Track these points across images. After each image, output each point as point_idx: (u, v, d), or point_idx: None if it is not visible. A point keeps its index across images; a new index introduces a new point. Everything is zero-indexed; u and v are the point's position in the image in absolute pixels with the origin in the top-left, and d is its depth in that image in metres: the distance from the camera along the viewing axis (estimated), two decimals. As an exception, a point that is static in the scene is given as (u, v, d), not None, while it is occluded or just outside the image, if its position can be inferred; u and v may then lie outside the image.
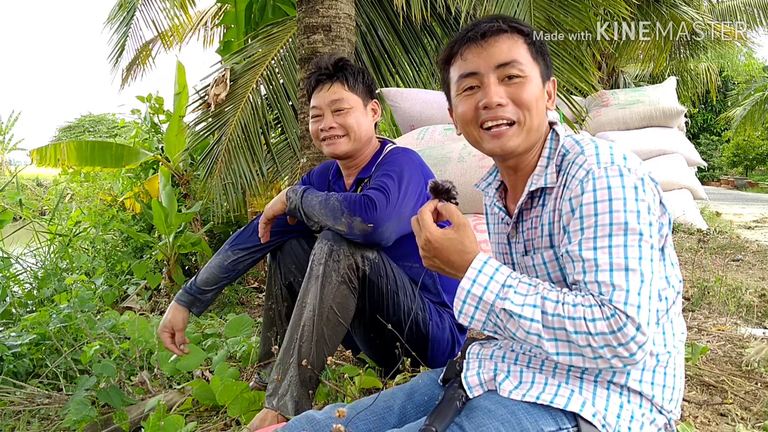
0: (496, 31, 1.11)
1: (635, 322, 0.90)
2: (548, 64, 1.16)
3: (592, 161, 1.01)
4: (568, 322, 0.93)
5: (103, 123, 30.04)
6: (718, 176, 27.45)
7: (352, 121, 1.81)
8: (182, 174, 5.74)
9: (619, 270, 0.93)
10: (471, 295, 1.02)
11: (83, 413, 1.87)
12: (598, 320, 0.91)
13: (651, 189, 1.00)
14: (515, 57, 1.09)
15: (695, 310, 2.81)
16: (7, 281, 4.16)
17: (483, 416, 1.02)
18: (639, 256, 0.94)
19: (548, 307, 0.95)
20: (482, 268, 1.02)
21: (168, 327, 1.87)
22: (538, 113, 1.10)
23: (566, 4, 3.53)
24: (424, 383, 1.25)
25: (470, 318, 1.02)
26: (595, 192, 0.98)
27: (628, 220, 0.95)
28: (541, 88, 1.12)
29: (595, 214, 0.97)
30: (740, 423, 1.55)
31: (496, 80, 1.10)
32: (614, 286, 0.92)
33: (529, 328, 0.96)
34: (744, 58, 25.34)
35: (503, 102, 1.09)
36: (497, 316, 1.00)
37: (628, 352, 0.90)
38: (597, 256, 0.95)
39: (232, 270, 1.92)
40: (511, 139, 1.10)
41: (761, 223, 8.14)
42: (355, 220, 1.57)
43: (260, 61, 4.66)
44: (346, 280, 1.60)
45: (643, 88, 6.83)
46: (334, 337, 1.61)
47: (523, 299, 0.97)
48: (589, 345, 0.91)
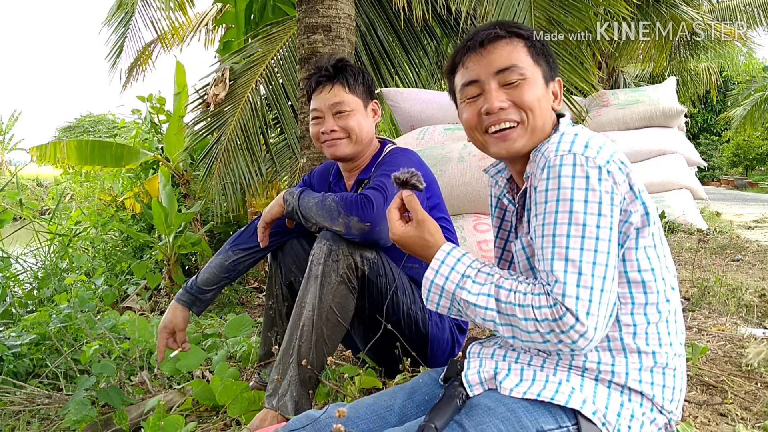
0: (494, 38, 1.13)
1: (573, 313, 0.93)
2: (551, 64, 1.17)
3: (551, 149, 1.03)
4: (518, 309, 0.99)
5: (103, 123, 30.03)
6: (718, 176, 27.45)
7: (354, 124, 1.80)
8: (182, 174, 5.74)
9: (559, 260, 0.97)
10: (434, 285, 1.10)
11: (83, 413, 1.87)
12: (543, 307, 0.96)
13: (611, 177, 0.99)
14: (514, 62, 1.12)
15: (695, 310, 2.81)
16: (7, 281, 4.16)
17: (483, 414, 1.02)
18: (580, 247, 0.96)
19: (502, 296, 1.01)
20: (444, 259, 1.10)
21: (168, 326, 1.87)
22: (541, 113, 1.12)
23: (566, 4, 3.53)
24: (425, 383, 1.25)
25: (436, 305, 1.12)
26: (548, 180, 1.01)
27: (574, 209, 0.97)
28: (544, 89, 1.14)
29: (545, 202, 1.01)
30: (740, 423, 1.55)
31: (496, 86, 1.12)
32: (555, 279, 0.96)
33: (484, 316, 1.03)
34: (744, 58, 25.35)
35: (504, 105, 1.11)
36: (458, 303, 1.07)
37: (570, 339, 0.95)
38: (543, 245, 1.00)
39: (232, 270, 1.92)
40: (516, 141, 1.13)
41: (761, 223, 8.15)
42: (352, 219, 1.57)
43: (260, 61, 4.66)
44: (345, 280, 1.60)
45: (643, 88, 6.83)
46: (333, 337, 1.61)
47: (479, 288, 1.04)
48: (537, 330, 0.97)
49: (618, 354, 1.04)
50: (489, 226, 2.65)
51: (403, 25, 4.77)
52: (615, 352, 1.04)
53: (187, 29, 7.15)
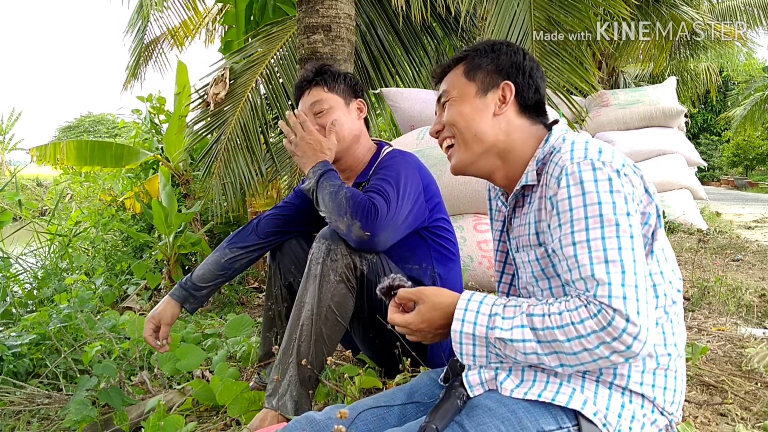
0: (441, 74, 1.27)
1: (623, 314, 0.89)
2: (493, 73, 1.20)
3: (566, 158, 1.03)
4: (558, 332, 0.93)
5: (103, 123, 30.05)
6: (718, 176, 27.46)
7: (333, 118, 1.80)
8: (182, 174, 5.74)
9: (599, 263, 0.94)
10: (464, 335, 1.03)
11: (83, 413, 1.87)
12: (585, 320, 0.91)
13: (629, 180, 1.00)
14: (445, 87, 1.24)
15: (695, 310, 2.81)
16: (7, 281, 4.16)
17: (483, 415, 1.02)
18: (618, 247, 0.94)
19: (537, 323, 0.96)
20: (467, 307, 1.04)
21: (155, 319, 1.83)
22: (468, 126, 1.18)
23: (566, 4, 3.53)
24: (425, 383, 1.25)
25: (473, 357, 1.04)
26: (569, 188, 1.00)
27: (603, 212, 0.96)
28: (475, 101, 1.19)
29: (570, 209, 0.99)
30: (740, 423, 1.55)
31: (440, 110, 1.26)
32: (597, 281, 0.92)
33: (525, 350, 0.97)
34: (744, 58, 25.33)
35: (438, 128, 1.25)
36: (494, 346, 1.01)
37: (624, 345, 0.90)
38: (577, 252, 0.96)
39: (228, 268, 1.91)
40: (453, 157, 1.22)
41: (761, 223, 8.15)
42: (355, 223, 1.57)
43: (260, 61, 4.66)
44: (344, 279, 1.60)
45: (643, 88, 6.83)
46: (333, 337, 1.60)
47: (511, 323, 0.99)
48: (584, 349, 0.92)
49: (606, 369, 1.03)
50: (489, 225, 2.65)
51: (402, 25, 4.77)
52: None
53: (196, 26, 7.14)
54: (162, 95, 6.36)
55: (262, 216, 1.96)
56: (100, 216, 6.20)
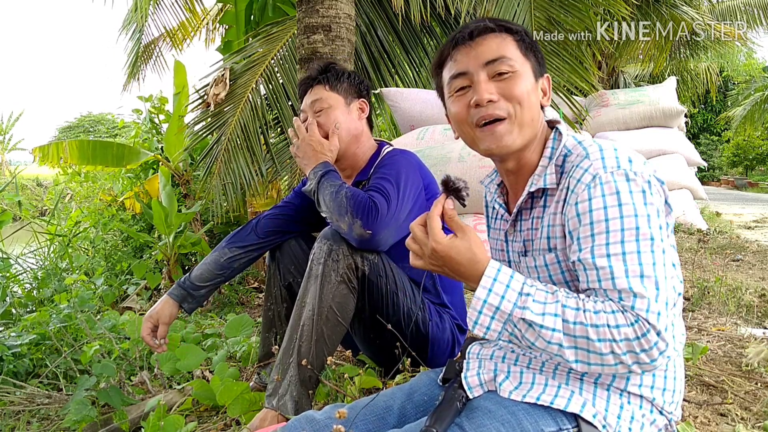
0: (483, 30, 1.11)
1: (656, 329, 0.89)
2: (540, 60, 1.14)
3: (598, 165, 0.99)
4: (591, 330, 0.91)
5: (102, 123, 30.03)
6: (718, 176, 27.46)
7: (332, 120, 1.80)
8: (182, 174, 5.74)
9: (635, 277, 0.92)
10: (487, 305, 0.97)
11: (83, 413, 1.87)
12: (622, 326, 0.90)
13: (658, 191, 1.00)
14: (504, 53, 1.09)
15: (695, 310, 2.81)
16: (7, 281, 4.16)
17: (483, 417, 1.02)
18: (653, 262, 0.93)
19: (569, 315, 0.93)
20: (497, 276, 0.98)
21: (153, 318, 1.83)
22: (530, 108, 1.09)
23: (566, 4, 3.53)
24: (424, 383, 1.25)
25: (486, 328, 0.98)
26: (604, 197, 0.97)
27: (640, 225, 0.95)
28: (534, 84, 1.11)
29: (605, 220, 0.96)
30: (740, 423, 1.55)
31: (486, 77, 1.09)
32: (635, 294, 0.91)
33: (550, 338, 0.93)
34: (744, 58, 25.34)
35: (494, 98, 1.07)
36: (515, 325, 0.96)
37: (649, 359, 0.90)
38: (612, 264, 0.94)
39: (227, 268, 1.91)
40: (505, 136, 1.08)
41: (761, 223, 8.15)
42: (356, 222, 1.57)
43: (260, 61, 4.66)
44: (345, 280, 1.60)
45: (643, 88, 6.83)
46: (333, 337, 1.61)
47: (543, 308, 0.94)
48: (612, 352, 0.90)
49: (620, 375, 1.02)
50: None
51: (402, 25, 4.77)
52: None
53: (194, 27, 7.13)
54: (163, 95, 6.36)
55: (262, 216, 1.96)
56: (100, 216, 6.20)
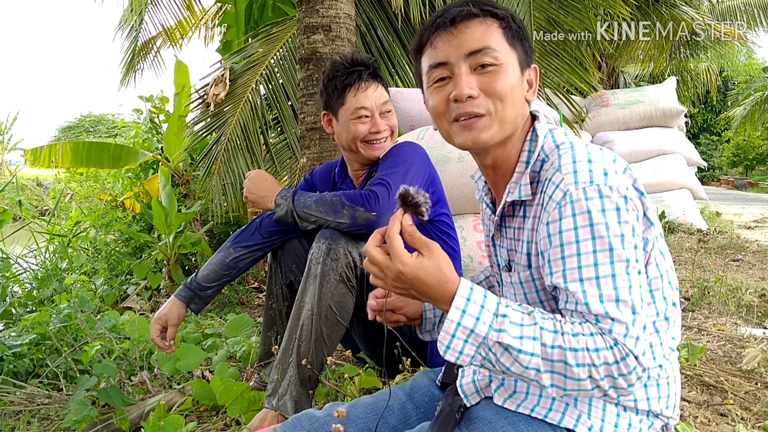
0: (467, 16, 1.02)
1: (635, 354, 0.85)
2: (527, 50, 1.06)
3: (569, 180, 0.92)
4: (569, 354, 0.85)
5: (103, 123, 30.03)
6: (718, 176, 27.45)
7: (396, 122, 1.86)
8: (182, 174, 5.74)
9: (610, 301, 0.87)
10: (461, 328, 0.89)
11: (83, 413, 1.87)
12: (601, 350, 0.85)
13: (634, 206, 0.93)
14: (488, 43, 1.00)
15: (695, 310, 2.81)
16: (7, 281, 4.16)
17: (483, 428, 1.00)
18: (629, 285, 0.87)
19: (547, 339, 0.87)
20: (470, 296, 0.90)
21: (162, 320, 1.85)
22: (513, 104, 1.02)
23: (566, 4, 3.53)
24: (424, 383, 1.24)
25: (458, 353, 0.90)
26: (575, 217, 0.90)
27: (614, 247, 0.88)
28: (519, 77, 1.03)
29: (576, 242, 0.90)
30: (740, 423, 1.56)
31: (467, 69, 1.01)
32: (611, 318, 0.86)
33: (528, 363, 0.87)
34: (744, 58, 25.34)
35: (474, 93, 1.00)
36: (489, 349, 0.89)
37: (626, 383, 0.86)
38: (585, 288, 0.88)
39: (233, 267, 1.92)
40: (483, 131, 1.01)
41: (761, 223, 8.14)
42: (358, 210, 1.59)
43: (260, 61, 4.66)
44: (344, 279, 1.60)
45: (643, 88, 6.84)
46: (333, 336, 1.61)
47: (521, 331, 0.87)
48: (590, 377, 0.85)
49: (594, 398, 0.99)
50: (489, 226, 2.65)
51: (402, 25, 4.77)
52: None
53: (192, 25, 7.12)
54: (164, 95, 6.35)
55: (265, 215, 1.97)
56: (100, 216, 6.19)
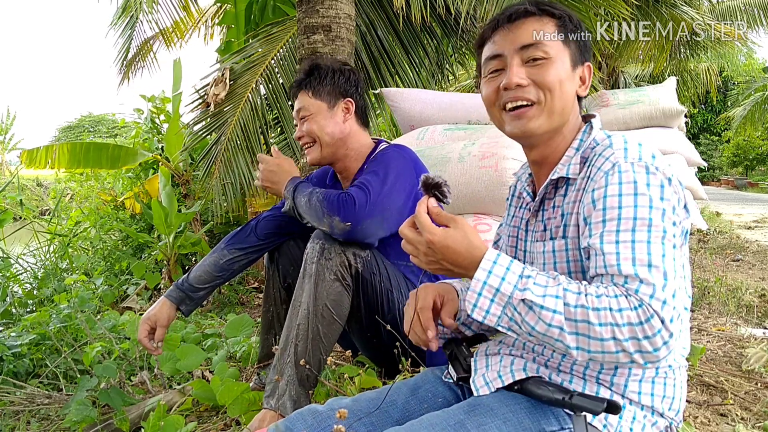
0: (524, 14, 1.10)
1: (660, 316, 0.86)
2: (582, 48, 1.13)
3: (619, 155, 0.99)
4: (592, 314, 0.87)
5: (103, 123, 30.03)
6: (718, 176, 27.47)
7: (314, 127, 1.81)
8: (182, 174, 5.74)
9: (642, 265, 0.90)
10: (487, 287, 0.94)
11: (83, 414, 1.87)
12: (624, 310, 0.87)
13: (676, 191, 0.98)
14: (540, 38, 1.08)
15: (695, 310, 2.81)
16: (7, 281, 4.16)
17: (485, 414, 1.01)
18: (662, 253, 0.91)
19: (570, 299, 0.90)
20: (497, 260, 0.96)
21: (151, 320, 1.81)
22: (562, 96, 1.08)
23: (566, 5, 3.52)
24: (429, 380, 1.25)
25: (485, 312, 0.95)
26: (621, 185, 0.96)
27: (653, 217, 0.93)
28: (570, 72, 1.10)
29: (618, 207, 0.95)
30: (740, 423, 1.56)
31: (519, 62, 1.09)
32: (640, 280, 0.89)
33: (551, 320, 0.90)
34: (744, 58, 25.33)
35: (523, 82, 1.07)
36: (514, 309, 0.93)
37: (652, 347, 0.86)
38: (619, 250, 0.92)
39: (226, 269, 1.90)
40: (532, 120, 1.08)
41: (761, 223, 8.15)
42: (335, 219, 1.57)
43: (260, 61, 4.66)
44: (339, 278, 1.60)
45: (643, 88, 6.83)
46: (329, 335, 1.60)
47: (544, 290, 0.91)
48: (613, 337, 0.87)
49: (622, 365, 1.01)
50: (489, 226, 2.64)
51: (402, 25, 4.77)
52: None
53: (189, 25, 7.11)
54: (166, 95, 6.35)
55: (261, 217, 1.96)
56: (102, 218, 6.19)
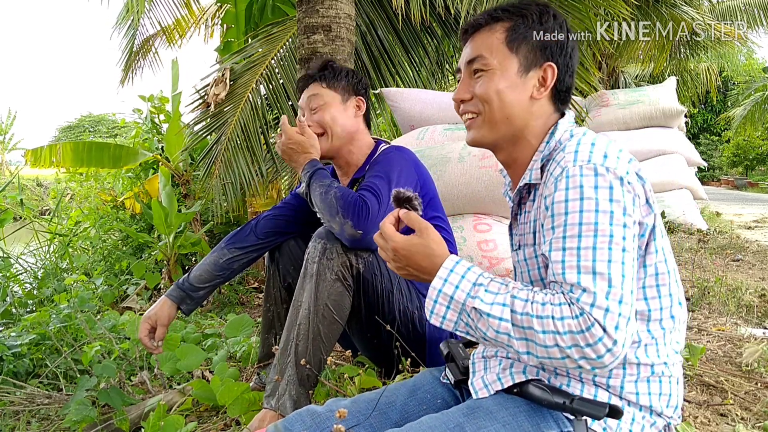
0: (474, 27, 1.14)
1: (601, 325, 0.87)
2: (538, 49, 1.10)
3: (569, 158, 0.99)
4: (536, 321, 0.91)
5: (103, 123, 30.04)
6: (718, 176, 27.46)
7: (327, 117, 1.80)
8: (182, 174, 5.74)
9: (587, 273, 0.90)
10: (442, 294, 1.00)
11: (83, 413, 1.87)
12: (566, 318, 0.89)
13: (631, 189, 0.96)
14: (481, 51, 1.11)
15: (695, 310, 2.81)
16: (7, 281, 4.16)
17: (484, 417, 1.01)
18: (608, 259, 0.91)
19: (517, 306, 0.93)
20: (454, 268, 1.01)
21: (151, 319, 1.81)
22: (502, 106, 1.09)
23: (566, 4, 3.52)
24: (427, 381, 1.25)
25: (442, 318, 1.01)
26: (567, 191, 0.96)
27: (599, 221, 0.92)
28: (516, 79, 1.09)
29: (565, 213, 0.95)
30: (740, 423, 1.56)
31: (468, 75, 1.14)
32: (583, 289, 0.90)
33: (498, 327, 0.94)
34: (744, 58, 25.33)
35: (466, 96, 1.13)
36: (468, 315, 0.98)
37: (595, 354, 0.87)
38: (565, 258, 0.93)
39: (227, 269, 1.90)
40: (477, 130, 1.14)
41: (761, 223, 8.15)
42: (347, 223, 1.57)
43: (260, 61, 4.66)
44: (340, 278, 1.60)
45: (643, 88, 6.83)
46: (330, 335, 1.60)
47: (493, 297, 0.96)
48: (556, 344, 0.89)
49: (617, 366, 1.01)
50: (489, 226, 2.65)
51: (402, 25, 4.77)
52: None
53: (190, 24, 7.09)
54: (164, 95, 6.35)
55: (261, 216, 1.96)
56: (102, 218, 6.19)
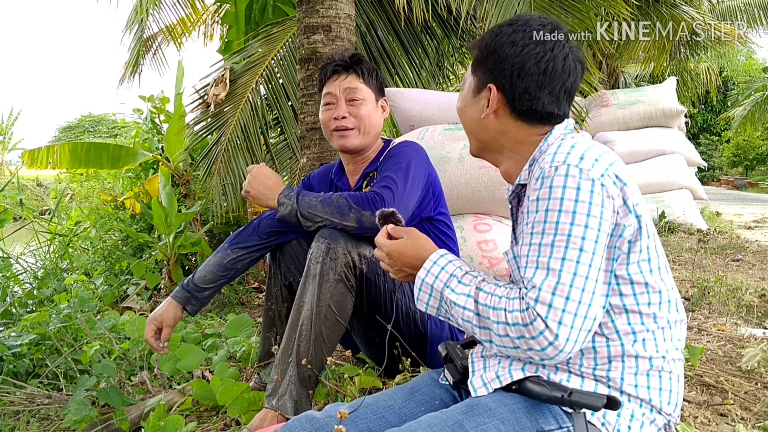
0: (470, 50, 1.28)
1: (542, 319, 0.93)
2: (486, 72, 1.17)
3: (547, 160, 1.03)
4: (492, 312, 1.00)
5: (103, 123, 30.04)
6: (718, 176, 27.46)
7: (365, 113, 1.82)
8: (182, 174, 5.74)
9: (541, 269, 0.97)
10: (424, 284, 1.13)
11: (83, 413, 1.87)
12: (515, 311, 0.96)
13: (604, 191, 0.98)
14: (465, 72, 1.29)
15: (695, 310, 2.81)
16: (7, 281, 4.16)
17: (483, 415, 1.02)
18: (562, 257, 0.95)
19: (480, 297, 1.03)
20: (437, 261, 1.13)
21: (157, 320, 1.82)
22: (464, 122, 1.23)
23: (566, 4, 3.52)
24: (425, 383, 1.25)
25: (426, 304, 1.14)
26: (540, 190, 1.01)
27: (560, 221, 0.97)
28: (471, 98, 1.20)
29: (535, 211, 1.01)
30: (740, 423, 1.56)
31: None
32: (533, 285, 0.96)
33: (463, 316, 1.05)
34: (744, 58, 25.31)
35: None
36: (444, 303, 1.10)
37: (539, 346, 0.94)
38: (528, 253, 1.00)
39: (230, 269, 1.90)
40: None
41: (761, 223, 8.15)
42: (365, 214, 1.58)
43: (260, 61, 4.66)
44: (343, 279, 1.60)
45: (643, 88, 6.84)
46: (332, 336, 1.60)
47: (462, 288, 1.06)
48: (507, 335, 0.98)
49: (615, 359, 1.03)
50: (489, 226, 2.64)
51: (403, 25, 4.76)
52: (611, 357, 1.03)
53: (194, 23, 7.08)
54: (165, 95, 6.34)
55: (263, 216, 1.96)
56: (102, 218, 6.18)
